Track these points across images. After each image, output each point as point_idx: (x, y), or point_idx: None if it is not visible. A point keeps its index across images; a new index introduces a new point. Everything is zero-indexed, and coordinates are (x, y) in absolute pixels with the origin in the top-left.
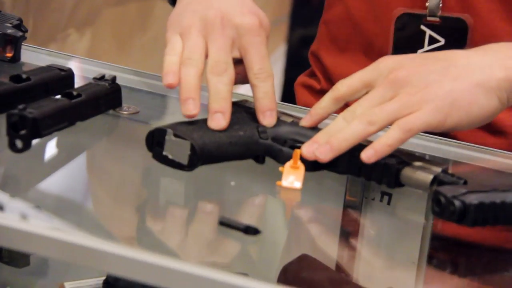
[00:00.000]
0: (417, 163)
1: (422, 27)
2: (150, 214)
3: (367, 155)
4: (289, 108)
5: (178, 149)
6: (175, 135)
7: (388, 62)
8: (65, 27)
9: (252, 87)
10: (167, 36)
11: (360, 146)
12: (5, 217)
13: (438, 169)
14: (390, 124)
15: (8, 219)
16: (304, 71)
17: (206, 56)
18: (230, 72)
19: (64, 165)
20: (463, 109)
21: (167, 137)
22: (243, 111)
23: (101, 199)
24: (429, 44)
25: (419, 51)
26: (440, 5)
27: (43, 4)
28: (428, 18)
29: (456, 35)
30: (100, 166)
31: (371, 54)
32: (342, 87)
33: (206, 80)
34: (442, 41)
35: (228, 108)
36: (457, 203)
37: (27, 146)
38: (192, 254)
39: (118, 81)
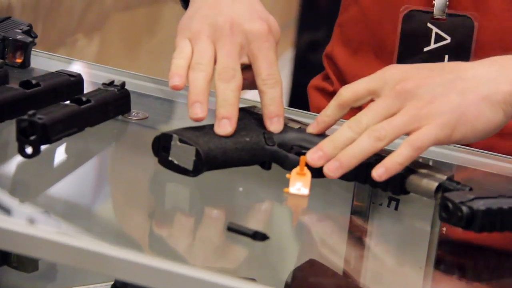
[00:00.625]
0: (423, 171)
1: (429, 24)
2: (158, 219)
3: (378, 174)
4: (296, 114)
5: (183, 154)
6: (181, 141)
7: (394, 72)
8: (74, 32)
9: (260, 93)
10: (176, 40)
11: None
12: (14, 222)
13: (443, 177)
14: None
15: (17, 224)
16: (312, 75)
17: (215, 62)
18: (238, 78)
19: (73, 170)
20: (470, 123)
21: (172, 142)
22: (250, 117)
23: (110, 204)
24: (435, 42)
25: (425, 48)
26: (447, 3)
27: (52, 9)
28: (435, 16)
29: (463, 34)
30: (109, 171)
31: (382, 55)
32: (346, 93)
33: (214, 86)
34: (448, 39)
35: (234, 114)
36: (464, 209)
37: (36, 151)
38: (200, 259)
39: (127, 86)
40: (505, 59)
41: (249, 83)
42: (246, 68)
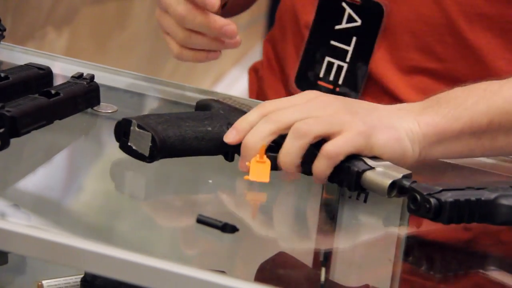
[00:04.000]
0: (380, 169)
1: (343, 4)
2: (127, 211)
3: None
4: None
5: (141, 140)
6: (139, 126)
7: (318, 98)
8: (44, 25)
9: None
10: None
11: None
12: None
13: (398, 175)
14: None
15: None
16: None
17: None
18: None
19: (42, 163)
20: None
21: (132, 128)
22: (219, 107)
23: (79, 197)
24: (347, 22)
25: (336, 27)
26: None
27: (21, 2)
28: None
29: (372, 19)
30: (78, 164)
31: (298, 33)
32: (270, 106)
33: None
34: (359, 22)
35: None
36: (432, 200)
37: (5, 144)
38: (169, 251)
39: (96, 79)
40: (410, 105)
41: None
42: None
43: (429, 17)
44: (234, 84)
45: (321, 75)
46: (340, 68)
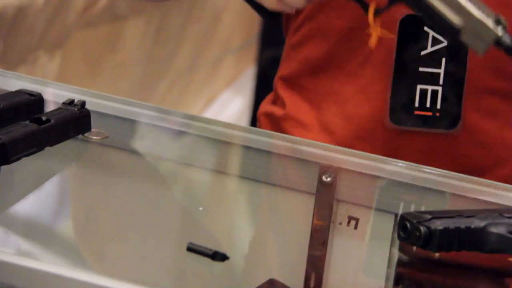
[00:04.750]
0: None
1: (426, 28)
2: (117, 238)
3: None
4: (256, 133)
5: None
6: None
7: None
8: (35, 49)
9: None
10: None
11: None
12: None
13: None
14: None
15: None
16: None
17: None
18: None
19: (33, 190)
20: None
21: None
22: None
23: (70, 224)
24: (432, 45)
25: (423, 52)
26: None
27: (13, 27)
28: None
29: None
30: (68, 191)
31: (349, 68)
32: None
33: None
34: (445, 42)
35: None
36: (422, 228)
37: None
38: (160, 279)
39: (87, 105)
40: None
41: None
42: None
43: None
44: (226, 107)
45: (417, 104)
46: (435, 93)
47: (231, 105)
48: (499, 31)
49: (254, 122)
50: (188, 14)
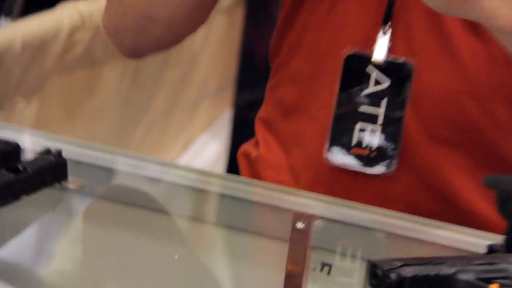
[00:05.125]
0: None
1: (368, 68)
2: (92, 286)
3: None
4: (231, 180)
5: None
6: None
7: None
8: (13, 95)
9: None
10: None
11: None
12: None
13: None
14: None
15: None
16: (251, 136)
17: None
18: None
19: (9, 240)
20: None
21: None
22: None
23: (46, 274)
24: (375, 84)
25: (365, 91)
26: (387, 48)
27: None
28: (374, 60)
29: (401, 78)
30: (45, 240)
31: (316, 111)
32: None
33: None
34: (388, 83)
35: None
36: (392, 276)
37: None
38: None
39: (64, 153)
40: None
41: None
42: None
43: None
44: (203, 151)
45: (354, 142)
46: (373, 132)
47: (208, 149)
48: None
49: (231, 165)
50: (165, 58)
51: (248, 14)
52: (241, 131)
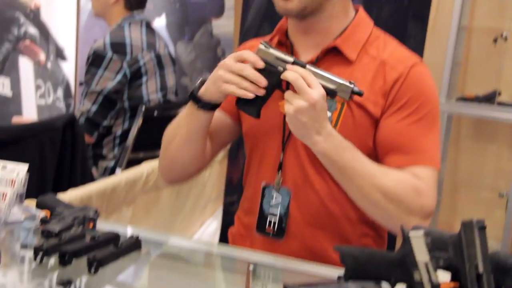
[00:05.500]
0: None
1: (272, 192)
2: None
3: None
4: (224, 247)
5: None
6: None
7: None
8: (120, 207)
9: None
10: None
11: None
12: None
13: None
14: None
15: None
16: (233, 221)
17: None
18: None
19: (111, 279)
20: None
21: None
22: None
23: None
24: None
25: (271, 202)
26: (280, 180)
27: (110, 198)
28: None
29: (286, 198)
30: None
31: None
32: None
33: None
34: (280, 199)
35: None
36: None
37: None
38: None
39: (141, 235)
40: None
41: None
42: None
43: (316, 204)
44: (209, 228)
45: (267, 227)
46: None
47: (211, 226)
48: (353, 86)
49: (222, 236)
50: (190, 185)
51: (229, 163)
52: (228, 218)
